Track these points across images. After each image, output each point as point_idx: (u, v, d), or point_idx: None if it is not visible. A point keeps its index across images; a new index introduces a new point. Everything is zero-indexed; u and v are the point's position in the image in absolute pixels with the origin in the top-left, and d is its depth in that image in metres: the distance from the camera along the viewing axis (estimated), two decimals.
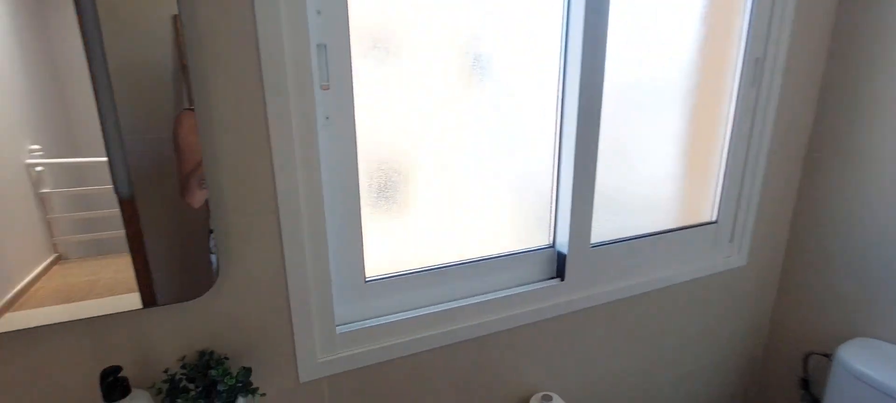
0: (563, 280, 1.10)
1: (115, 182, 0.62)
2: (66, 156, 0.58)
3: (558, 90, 1.00)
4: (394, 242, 0.94)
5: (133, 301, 0.65)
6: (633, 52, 1.05)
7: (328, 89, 0.79)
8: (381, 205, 0.91)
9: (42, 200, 0.57)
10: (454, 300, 1.01)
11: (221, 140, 0.70)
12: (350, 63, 0.79)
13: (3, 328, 0.60)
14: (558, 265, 1.11)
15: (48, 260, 0.59)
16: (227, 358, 0.76)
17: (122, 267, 0.63)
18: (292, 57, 0.72)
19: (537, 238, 1.09)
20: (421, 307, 0.98)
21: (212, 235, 0.71)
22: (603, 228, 1.14)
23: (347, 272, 0.90)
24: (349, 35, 0.78)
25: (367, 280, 0.93)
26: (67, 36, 0.55)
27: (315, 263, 0.82)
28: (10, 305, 0.58)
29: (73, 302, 0.61)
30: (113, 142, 0.60)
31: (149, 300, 0.66)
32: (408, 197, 0.93)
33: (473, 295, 1.03)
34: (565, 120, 1.01)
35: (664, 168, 1.20)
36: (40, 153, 0.56)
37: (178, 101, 0.63)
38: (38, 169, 0.56)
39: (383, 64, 0.84)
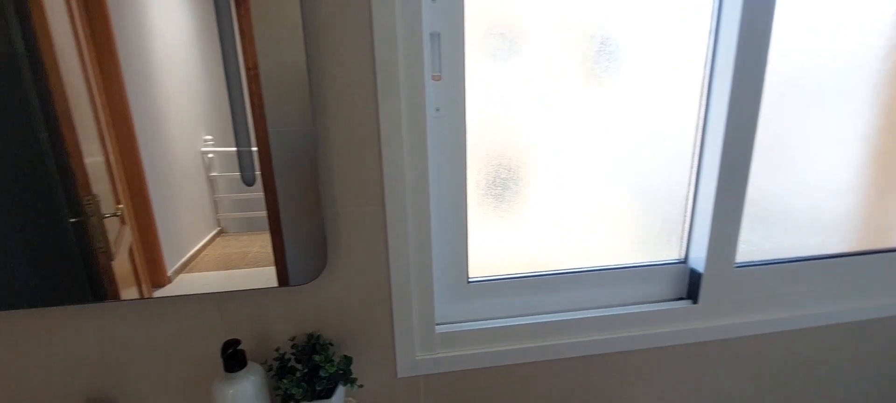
0: (695, 302, 0.93)
1: (242, 170, 0.67)
2: (230, 145, 0.66)
3: (704, 77, 0.85)
4: (501, 243, 0.88)
5: (271, 274, 0.70)
6: (805, 27, 0.84)
7: (440, 80, 0.76)
8: (489, 203, 0.86)
9: (211, 182, 0.67)
10: (563, 311, 0.92)
11: (334, 129, 0.71)
12: (463, 52, 0.75)
13: (177, 288, 0.69)
14: (691, 284, 0.94)
15: (213, 233, 0.69)
16: (331, 344, 0.78)
17: (266, 243, 0.69)
18: (405, 45, 0.70)
19: (666, 250, 0.94)
20: (525, 315, 0.91)
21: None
22: (752, 246, 0.95)
23: (450, 270, 0.86)
24: (464, 23, 0.74)
25: (469, 280, 0.88)
26: (235, 39, 0.61)
27: (418, 258, 0.80)
28: (184, 267, 0.68)
29: (229, 269, 0.70)
30: (242, 134, 0.65)
31: (282, 275, 0.71)
32: (518, 195, 0.86)
33: (585, 309, 0.93)
34: (711, 113, 0.85)
35: (841, 176, 0.95)
36: (212, 142, 0.65)
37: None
38: (209, 155, 0.65)
39: (497, 53, 0.78)
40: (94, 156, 0.62)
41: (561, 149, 0.85)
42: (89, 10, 0.58)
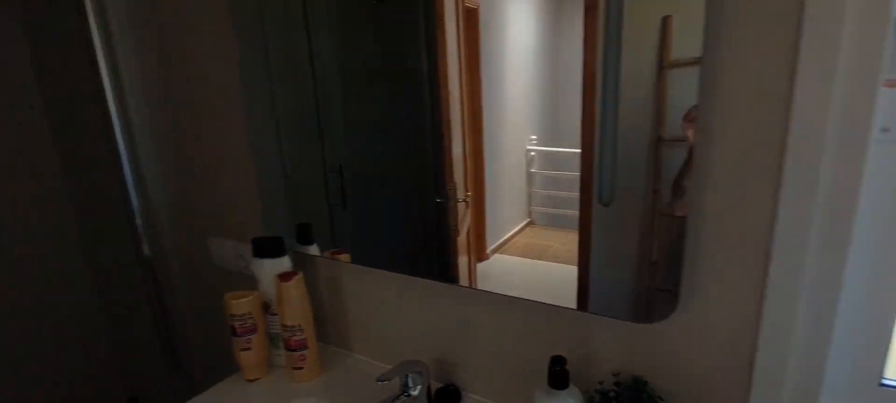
0: None
1: (600, 189, 0.63)
2: (551, 145, 0.70)
3: None
4: None
5: (570, 272, 0.68)
6: None
7: None
8: None
9: (529, 177, 0.73)
10: None
11: (717, 148, 0.56)
12: None
13: (492, 265, 0.77)
14: None
15: (523, 223, 0.75)
16: (661, 399, 0.65)
17: (569, 241, 0.68)
18: (851, 34, 0.48)
19: None
20: None
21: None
22: None
23: (852, 361, 0.60)
24: None
25: (883, 382, 0.59)
26: (573, 47, 0.60)
27: (807, 333, 0.57)
28: (498, 249, 0.77)
29: (531, 258, 0.75)
30: (607, 154, 0.62)
31: (583, 286, 0.68)
32: None
33: None
34: None
35: None
36: (535, 141, 0.70)
37: (657, 101, 0.57)
38: (532, 153, 0.71)
39: None
40: (456, 151, 0.74)
41: None
42: (468, 36, 0.69)
